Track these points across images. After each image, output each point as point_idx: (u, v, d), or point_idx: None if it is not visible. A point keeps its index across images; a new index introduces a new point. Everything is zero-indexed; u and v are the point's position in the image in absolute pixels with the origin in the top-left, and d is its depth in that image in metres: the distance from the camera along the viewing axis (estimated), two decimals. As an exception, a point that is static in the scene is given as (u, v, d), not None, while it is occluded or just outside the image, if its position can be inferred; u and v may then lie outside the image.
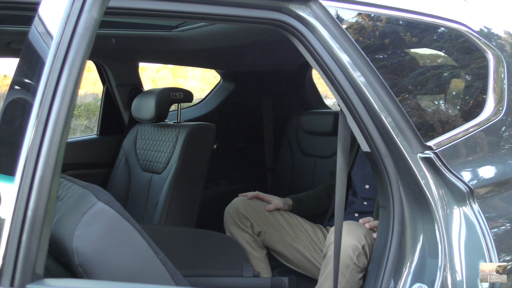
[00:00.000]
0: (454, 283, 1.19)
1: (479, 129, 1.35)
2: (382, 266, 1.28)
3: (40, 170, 0.85)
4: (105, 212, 1.01)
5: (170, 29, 2.60)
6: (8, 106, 1.06)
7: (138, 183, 2.72)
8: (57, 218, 1.04)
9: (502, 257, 1.25)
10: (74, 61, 0.89)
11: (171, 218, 2.42)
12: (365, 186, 2.07)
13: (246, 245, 2.09)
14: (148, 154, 2.73)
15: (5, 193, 0.89)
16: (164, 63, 6.11)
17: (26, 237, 0.84)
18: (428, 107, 1.39)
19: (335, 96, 1.31)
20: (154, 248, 1.07)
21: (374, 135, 1.27)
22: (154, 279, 1.07)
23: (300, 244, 2.10)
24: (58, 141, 0.87)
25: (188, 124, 2.64)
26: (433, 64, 1.44)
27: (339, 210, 1.40)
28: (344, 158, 1.40)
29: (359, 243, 1.68)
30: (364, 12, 1.33)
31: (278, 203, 2.16)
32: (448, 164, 1.26)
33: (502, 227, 1.34)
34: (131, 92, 3.12)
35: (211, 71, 5.63)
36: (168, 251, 1.15)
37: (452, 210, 1.25)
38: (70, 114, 0.89)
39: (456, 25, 1.37)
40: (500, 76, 1.39)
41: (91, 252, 0.98)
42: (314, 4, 1.26)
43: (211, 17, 1.25)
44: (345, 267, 1.66)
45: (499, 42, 1.44)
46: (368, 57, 1.26)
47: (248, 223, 2.09)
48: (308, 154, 3.07)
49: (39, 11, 1.00)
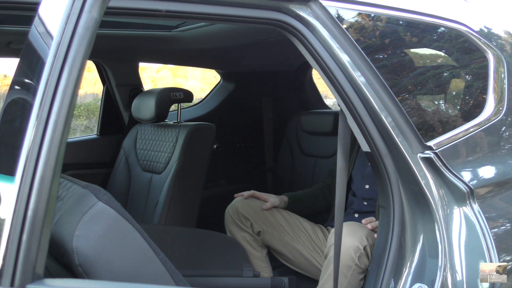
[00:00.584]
0: (454, 283, 1.19)
1: (479, 129, 1.34)
2: (382, 266, 1.28)
3: (40, 170, 0.85)
4: (105, 212, 1.01)
5: (170, 29, 2.60)
6: (8, 106, 1.06)
7: (138, 183, 2.72)
8: (57, 218, 1.04)
9: (502, 257, 1.25)
10: (74, 61, 0.89)
11: (171, 218, 2.42)
12: (365, 186, 2.07)
13: (246, 244, 2.09)
14: (148, 154, 2.72)
15: (5, 193, 0.89)
16: (164, 63, 6.10)
17: (26, 237, 0.84)
18: (428, 107, 1.39)
19: (335, 96, 1.31)
20: (154, 248, 1.07)
21: (374, 135, 1.27)
22: (154, 279, 1.07)
23: (300, 244, 2.09)
24: (58, 141, 0.87)
25: (188, 124, 2.64)
26: (433, 64, 1.44)
27: (339, 210, 1.40)
28: (344, 158, 1.40)
29: (361, 244, 1.68)
30: (364, 12, 1.33)
31: (274, 200, 2.16)
32: (448, 164, 1.26)
33: (502, 227, 1.34)
34: (131, 92, 3.13)
35: (211, 71, 5.63)
36: (168, 251, 1.15)
37: (452, 210, 1.25)
38: (70, 114, 0.89)
39: (456, 25, 1.37)
40: (500, 76, 1.39)
41: (91, 252, 0.98)
42: (314, 4, 1.26)
43: (211, 17, 1.25)
44: (347, 268, 1.66)
45: (499, 42, 1.44)
46: (368, 57, 1.26)
47: (248, 223, 2.09)
48: (308, 154, 3.07)
49: (39, 11, 1.00)
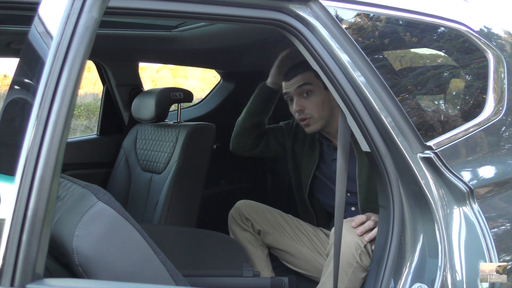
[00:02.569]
0: (454, 283, 1.19)
1: (479, 129, 1.34)
2: (382, 266, 1.28)
3: (40, 170, 0.85)
4: (105, 212, 1.01)
5: (170, 29, 2.60)
6: (8, 106, 1.06)
7: (138, 183, 2.72)
8: (57, 218, 1.04)
9: (502, 257, 1.25)
10: (74, 61, 0.89)
11: (171, 218, 2.42)
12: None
13: (248, 244, 2.11)
14: (148, 154, 2.72)
15: (5, 193, 0.89)
16: (164, 63, 6.10)
17: (26, 237, 0.84)
18: (428, 107, 1.39)
19: (335, 96, 1.31)
20: (154, 248, 1.07)
21: (374, 135, 1.27)
22: (154, 279, 1.07)
23: (300, 244, 2.10)
24: (58, 141, 0.87)
25: (188, 124, 2.64)
26: (433, 64, 1.44)
27: (339, 210, 1.40)
28: (344, 158, 1.40)
29: (361, 242, 1.67)
30: (364, 12, 1.33)
31: None
32: (448, 164, 1.26)
33: (502, 227, 1.33)
34: (131, 92, 3.12)
35: (211, 71, 5.63)
36: (168, 251, 1.15)
37: (452, 210, 1.25)
38: (70, 114, 0.89)
39: (456, 25, 1.37)
40: (500, 76, 1.39)
41: (91, 252, 0.98)
42: (314, 4, 1.26)
43: (211, 17, 1.25)
44: (348, 265, 1.65)
45: (499, 42, 1.44)
46: (368, 57, 1.26)
47: (249, 223, 2.12)
48: (308, 154, 3.06)
49: (39, 11, 1.00)
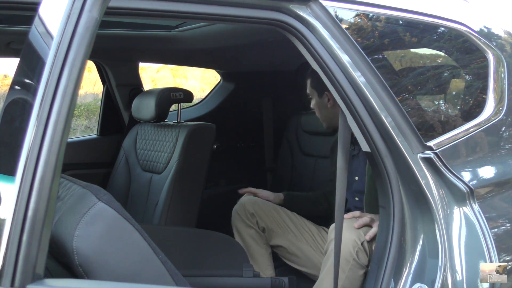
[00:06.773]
0: (454, 283, 1.19)
1: (479, 129, 1.34)
2: (382, 266, 1.28)
3: (41, 170, 0.85)
4: (105, 212, 1.01)
5: (170, 29, 2.60)
6: (8, 106, 1.06)
7: (138, 183, 2.72)
8: (57, 218, 1.04)
9: (502, 257, 1.25)
10: (74, 61, 0.89)
11: (171, 218, 2.42)
12: (355, 178, 2.05)
13: (251, 241, 2.12)
14: (148, 154, 2.72)
15: (6, 193, 0.89)
16: (164, 63, 6.11)
17: (27, 237, 0.84)
18: (428, 107, 1.39)
19: (335, 96, 1.31)
20: (154, 248, 1.07)
21: (374, 135, 1.27)
22: (154, 279, 1.07)
23: (304, 243, 2.11)
24: (58, 141, 0.87)
25: (188, 124, 2.64)
26: (433, 64, 1.44)
27: (339, 210, 1.41)
28: (344, 158, 1.41)
29: (359, 239, 1.68)
30: (364, 12, 1.33)
31: (267, 194, 2.23)
32: (448, 164, 1.26)
33: (502, 227, 1.34)
34: (131, 92, 3.12)
35: (211, 71, 5.63)
36: (168, 251, 1.15)
37: (452, 210, 1.25)
38: (70, 114, 0.89)
39: (456, 25, 1.37)
40: (500, 76, 1.39)
41: (91, 252, 0.98)
42: (314, 4, 1.26)
43: (211, 17, 1.25)
44: (345, 262, 1.66)
45: (499, 42, 1.44)
46: (368, 57, 1.26)
47: (254, 219, 2.13)
48: (308, 154, 3.06)
49: (39, 11, 1.00)
